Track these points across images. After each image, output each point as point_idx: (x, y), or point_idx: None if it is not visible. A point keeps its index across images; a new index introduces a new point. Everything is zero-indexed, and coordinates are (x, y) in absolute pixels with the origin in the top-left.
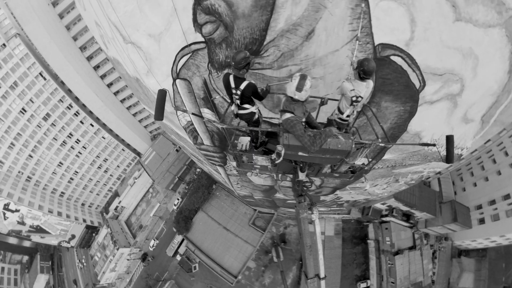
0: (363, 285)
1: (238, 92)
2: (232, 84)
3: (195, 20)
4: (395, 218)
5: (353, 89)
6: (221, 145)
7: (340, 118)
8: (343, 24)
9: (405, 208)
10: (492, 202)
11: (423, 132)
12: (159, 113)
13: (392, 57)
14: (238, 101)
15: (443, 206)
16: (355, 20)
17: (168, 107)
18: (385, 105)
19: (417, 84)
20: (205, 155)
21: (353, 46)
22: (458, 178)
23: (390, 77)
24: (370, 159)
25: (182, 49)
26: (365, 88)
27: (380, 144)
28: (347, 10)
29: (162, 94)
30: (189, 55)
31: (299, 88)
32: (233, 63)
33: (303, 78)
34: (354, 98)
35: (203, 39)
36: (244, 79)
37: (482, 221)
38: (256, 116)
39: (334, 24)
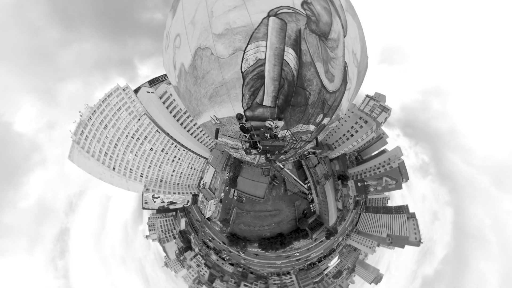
0: (306, 181)
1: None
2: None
3: None
4: (310, 154)
5: (273, 124)
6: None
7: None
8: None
9: (312, 150)
10: (337, 140)
11: (342, 105)
12: (216, 136)
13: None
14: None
15: (324, 146)
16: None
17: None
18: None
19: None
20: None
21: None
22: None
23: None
24: (291, 147)
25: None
26: (280, 123)
27: (292, 144)
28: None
29: (217, 130)
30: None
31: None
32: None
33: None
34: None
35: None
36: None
37: (335, 147)
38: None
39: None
